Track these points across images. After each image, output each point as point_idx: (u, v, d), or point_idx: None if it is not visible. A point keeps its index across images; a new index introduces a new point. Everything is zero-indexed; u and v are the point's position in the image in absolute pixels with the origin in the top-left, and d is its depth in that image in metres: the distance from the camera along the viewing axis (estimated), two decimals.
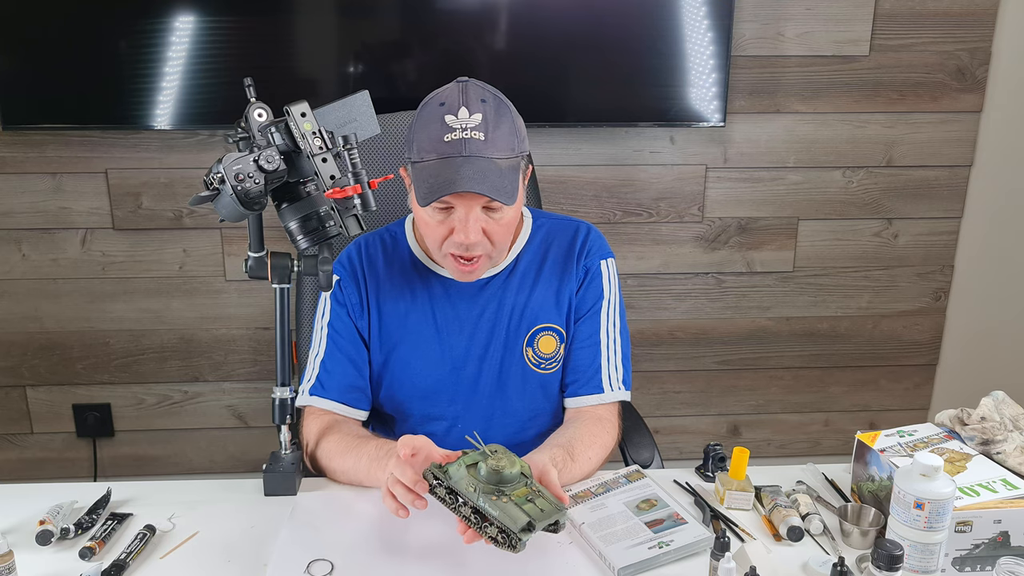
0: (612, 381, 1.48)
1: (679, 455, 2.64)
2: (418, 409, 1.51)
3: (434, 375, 1.48)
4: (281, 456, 1.39)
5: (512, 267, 1.49)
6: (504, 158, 1.32)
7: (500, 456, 1.14)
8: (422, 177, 1.31)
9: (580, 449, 1.36)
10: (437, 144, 1.30)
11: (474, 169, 1.28)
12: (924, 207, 2.48)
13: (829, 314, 2.57)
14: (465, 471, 1.14)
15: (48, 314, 2.39)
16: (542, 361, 1.49)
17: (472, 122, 1.30)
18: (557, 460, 1.30)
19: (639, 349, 2.54)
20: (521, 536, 1.08)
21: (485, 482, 1.12)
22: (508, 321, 1.47)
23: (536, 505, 1.11)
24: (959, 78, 2.36)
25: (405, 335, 1.48)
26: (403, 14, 2.19)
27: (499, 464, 1.12)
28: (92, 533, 1.25)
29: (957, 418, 1.35)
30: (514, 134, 1.34)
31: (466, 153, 1.29)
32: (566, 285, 1.49)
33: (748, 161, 2.40)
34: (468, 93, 1.32)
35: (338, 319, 1.48)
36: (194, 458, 2.55)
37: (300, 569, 1.18)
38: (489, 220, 1.34)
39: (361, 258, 1.50)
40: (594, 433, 1.42)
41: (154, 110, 2.16)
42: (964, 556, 1.17)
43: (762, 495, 1.33)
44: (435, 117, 1.32)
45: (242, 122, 1.23)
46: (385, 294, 1.48)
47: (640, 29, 2.20)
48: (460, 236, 1.33)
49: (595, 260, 1.50)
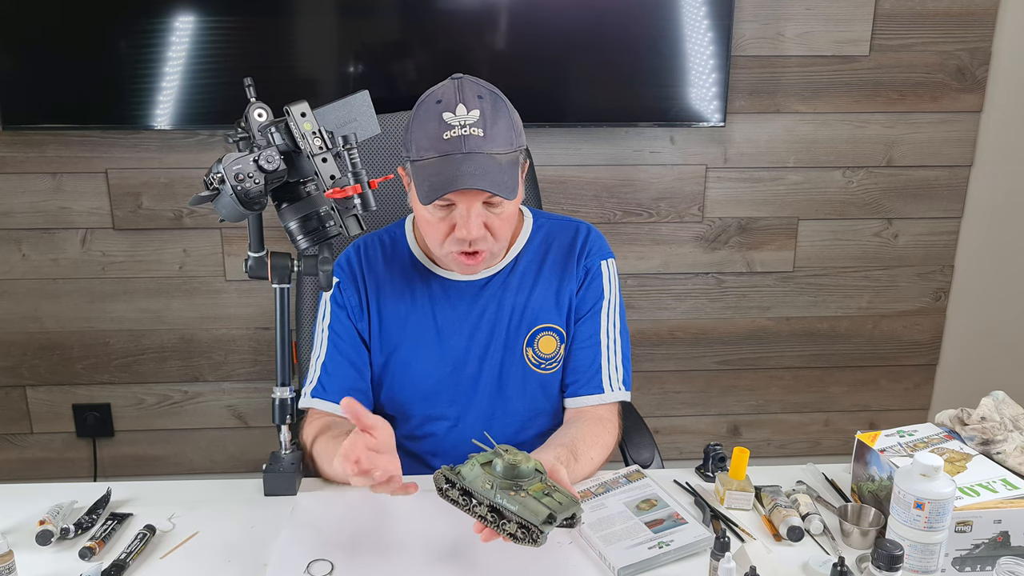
0: (612, 381, 1.48)
1: (679, 455, 2.64)
2: (419, 410, 1.50)
3: (434, 375, 1.48)
4: (281, 456, 1.39)
5: (512, 267, 1.49)
6: (503, 153, 1.32)
7: (515, 452, 1.14)
8: (423, 175, 1.31)
9: (583, 449, 1.36)
10: (436, 142, 1.30)
11: (475, 165, 1.28)
12: (924, 207, 2.48)
13: (829, 314, 2.56)
14: (480, 469, 1.14)
15: (48, 314, 2.39)
16: (542, 361, 1.49)
17: (470, 118, 1.30)
18: (562, 459, 1.30)
19: (639, 349, 2.54)
20: (543, 528, 1.08)
21: (502, 478, 1.12)
22: (508, 321, 1.47)
23: (554, 499, 1.11)
24: (959, 78, 2.36)
25: (405, 336, 1.48)
26: (403, 14, 2.19)
27: (515, 459, 1.12)
28: (92, 533, 1.25)
29: (957, 418, 1.35)
30: (512, 129, 1.35)
31: (466, 150, 1.29)
32: (566, 285, 1.49)
33: (748, 161, 2.40)
34: (464, 90, 1.32)
35: (338, 321, 1.48)
36: (194, 458, 2.55)
37: (300, 569, 1.18)
38: (490, 215, 1.35)
39: (360, 260, 1.50)
40: (595, 433, 1.42)
41: (154, 110, 2.16)
42: (964, 556, 1.17)
43: (762, 495, 1.33)
44: (433, 115, 1.31)
45: (242, 122, 1.23)
46: (385, 295, 1.48)
47: (640, 29, 2.20)
48: (462, 232, 1.33)
49: (595, 260, 1.50)
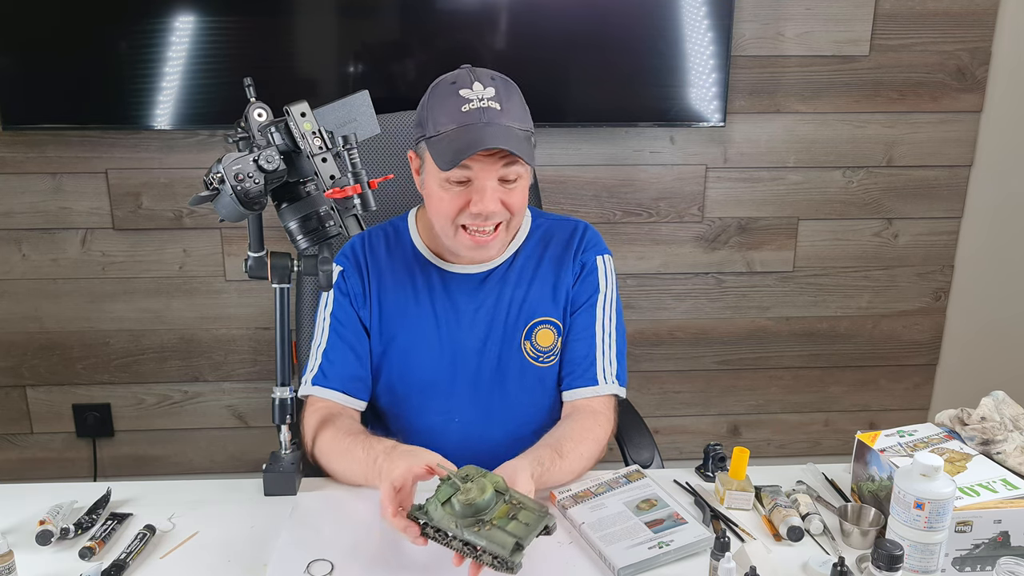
0: (607, 374, 1.47)
1: (679, 455, 2.64)
2: (416, 401, 1.51)
3: (432, 367, 1.49)
4: (281, 456, 1.38)
5: (511, 262, 1.50)
6: (519, 127, 1.36)
7: (469, 488, 1.11)
8: (442, 146, 1.33)
9: (570, 446, 1.35)
10: (455, 115, 1.33)
11: (495, 131, 1.32)
12: (924, 207, 2.48)
13: (829, 314, 2.57)
14: (442, 509, 1.11)
15: (48, 314, 2.39)
16: (540, 354, 1.50)
17: (487, 93, 1.34)
18: (544, 459, 1.29)
19: (639, 349, 2.54)
20: (513, 559, 1.07)
21: (462, 516, 1.10)
22: (506, 315, 1.48)
23: (520, 520, 1.09)
24: (959, 78, 2.36)
25: (404, 326, 1.49)
26: (403, 14, 2.19)
27: (469, 497, 1.09)
28: (92, 533, 1.25)
29: (957, 418, 1.35)
30: (524, 109, 1.39)
31: (485, 120, 1.32)
32: (563, 279, 1.50)
33: (748, 161, 2.40)
34: (477, 72, 1.37)
35: (341, 309, 1.49)
36: (194, 458, 2.55)
37: (300, 569, 1.18)
38: (505, 191, 1.37)
39: (364, 249, 1.52)
40: (586, 427, 1.41)
41: (154, 110, 2.16)
42: (964, 556, 1.17)
43: (762, 495, 1.33)
44: (450, 92, 1.35)
45: (242, 122, 1.23)
46: (386, 285, 1.50)
47: (640, 29, 2.20)
48: (478, 207, 1.35)
49: (591, 255, 1.52)
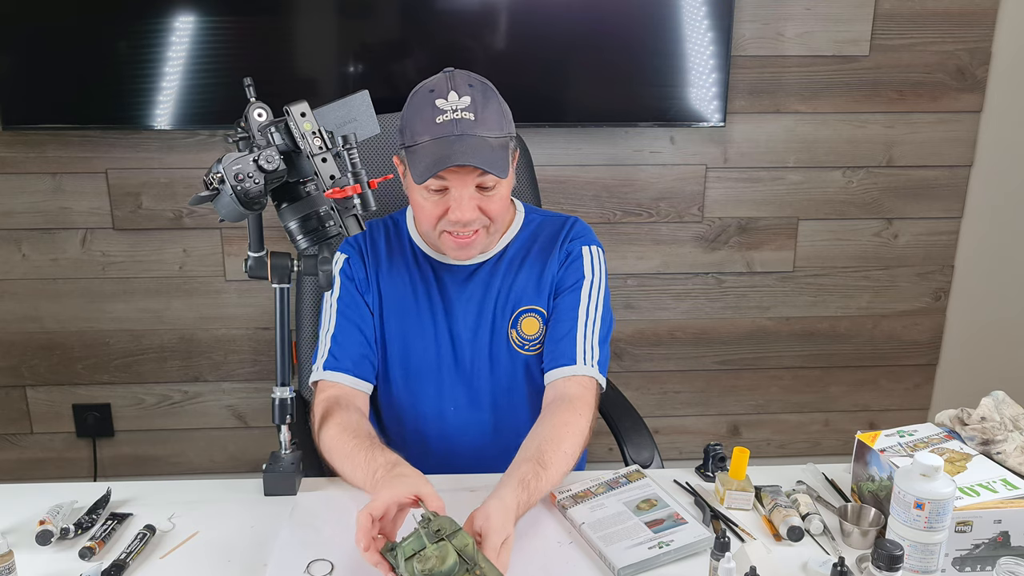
0: (587, 357, 1.45)
1: (679, 455, 2.64)
2: (411, 388, 1.53)
3: (427, 355, 1.52)
4: (281, 456, 1.38)
5: (501, 255, 1.53)
6: (494, 137, 1.37)
7: (429, 557, 1.06)
8: (417, 158, 1.36)
9: (550, 451, 1.31)
10: (429, 126, 1.35)
11: (467, 145, 1.33)
12: (924, 207, 2.48)
13: (829, 314, 2.56)
14: (404, 565, 1.07)
15: (48, 314, 2.39)
16: (526, 342, 1.51)
17: (462, 104, 1.35)
18: (528, 479, 1.24)
19: (639, 349, 2.54)
20: None
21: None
22: (495, 304, 1.51)
23: None
24: (959, 78, 2.36)
25: (400, 315, 1.52)
26: (403, 14, 2.19)
27: (427, 567, 1.05)
28: (92, 533, 1.25)
29: (957, 418, 1.35)
30: (502, 115, 1.40)
31: (458, 132, 1.34)
32: (549, 268, 1.52)
33: (748, 161, 2.40)
34: (456, 79, 1.37)
35: (347, 293, 1.52)
36: (194, 458, 2.55)
37: (300, 569, 1.18)
38: (483, 197, 1.39)
39: (365, 238, 1.55)
40: (565, 422, 1.36)
41: (154, 110, 2.16)
42: (964, 556, 1.17)
43: (762, 495, 1.33)
44: (426, 102, 1.36)
45: (242, 122, 1.23)
46: (384, 274, 1.53)
47: (640, 29, 2.20)
48: (456, 214, 1.37)
49: (577, 245, 1.53)
